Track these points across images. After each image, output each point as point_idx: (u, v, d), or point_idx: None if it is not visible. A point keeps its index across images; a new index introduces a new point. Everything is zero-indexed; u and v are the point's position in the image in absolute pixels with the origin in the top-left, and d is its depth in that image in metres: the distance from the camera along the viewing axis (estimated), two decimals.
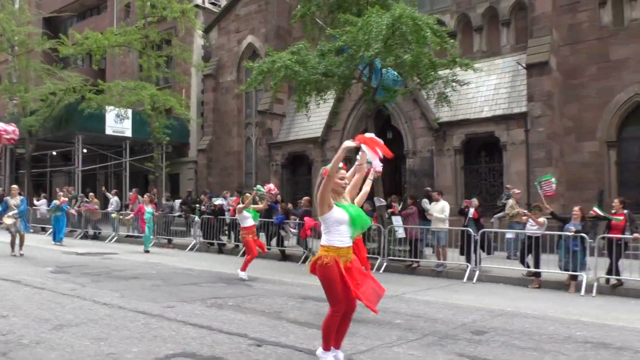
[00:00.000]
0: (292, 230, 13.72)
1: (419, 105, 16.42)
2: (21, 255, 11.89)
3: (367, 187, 4.90)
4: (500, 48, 16.64)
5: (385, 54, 10.13)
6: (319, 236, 7.35)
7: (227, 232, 15.55)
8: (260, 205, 10.82)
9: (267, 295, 7.92)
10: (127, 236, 17.65)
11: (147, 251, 14.25)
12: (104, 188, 21.40)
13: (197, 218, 15.86)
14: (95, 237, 18.23)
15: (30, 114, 21.92)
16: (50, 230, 18.35)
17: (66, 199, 16.80)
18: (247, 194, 10.25)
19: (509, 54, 16.23)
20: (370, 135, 4.39)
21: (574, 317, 6.94)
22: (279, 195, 10.31)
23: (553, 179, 11.41)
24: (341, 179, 4.24)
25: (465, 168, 16.25)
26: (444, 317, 6.74)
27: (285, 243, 13.83)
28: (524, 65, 14.83)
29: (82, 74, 25.74)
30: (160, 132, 19.46)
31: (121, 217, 17.43)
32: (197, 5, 25.69)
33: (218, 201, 15.63)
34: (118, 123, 21.79)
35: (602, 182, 14.57)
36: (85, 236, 18.46)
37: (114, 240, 17.40)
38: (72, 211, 18.03)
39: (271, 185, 11.30)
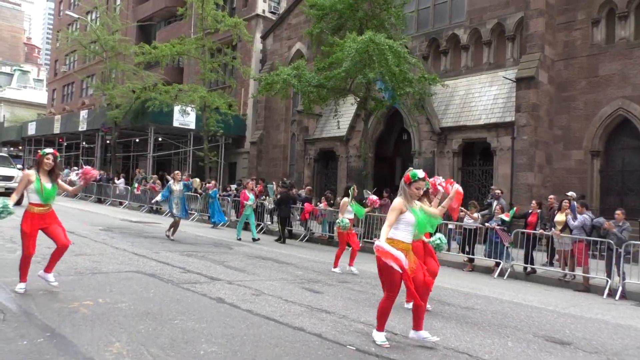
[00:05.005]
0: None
1: (424, 112, 18.39)
2: (172, 240, 11.98)
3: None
4: (506, 61, 18.16)
5: (354, 72, 12.54)
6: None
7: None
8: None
9: (234, 254, 10.77)
10: None
11: (239, 239, 13.61)
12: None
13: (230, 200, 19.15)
14: (157, 211, 22.17)
15: (115, 107, 26.54)
16: (126, 203, 22.76)
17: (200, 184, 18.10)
18: (356, 188, 10.68)
19: (511, 67, 17.72)
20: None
21: (447, 286, 9.07)
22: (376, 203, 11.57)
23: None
24: (417, 189, 4.88)
25: (462, 169, 18.06)
26: (338, 277, 9.14)
27: (293, 224, 16.66)
28: (510, 79, 16.39)
29: (166, 72, 30.21)
30: (213, 125, 22.93)
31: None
32: (258, 15, 29.19)
33: (233, 186, 18.99)
34: (183, 117, 25.77)
35: (585, 189, 15.78)
36: (150, 210, 22.48)
37: (169, 215, 21.18)
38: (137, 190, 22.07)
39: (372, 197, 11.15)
